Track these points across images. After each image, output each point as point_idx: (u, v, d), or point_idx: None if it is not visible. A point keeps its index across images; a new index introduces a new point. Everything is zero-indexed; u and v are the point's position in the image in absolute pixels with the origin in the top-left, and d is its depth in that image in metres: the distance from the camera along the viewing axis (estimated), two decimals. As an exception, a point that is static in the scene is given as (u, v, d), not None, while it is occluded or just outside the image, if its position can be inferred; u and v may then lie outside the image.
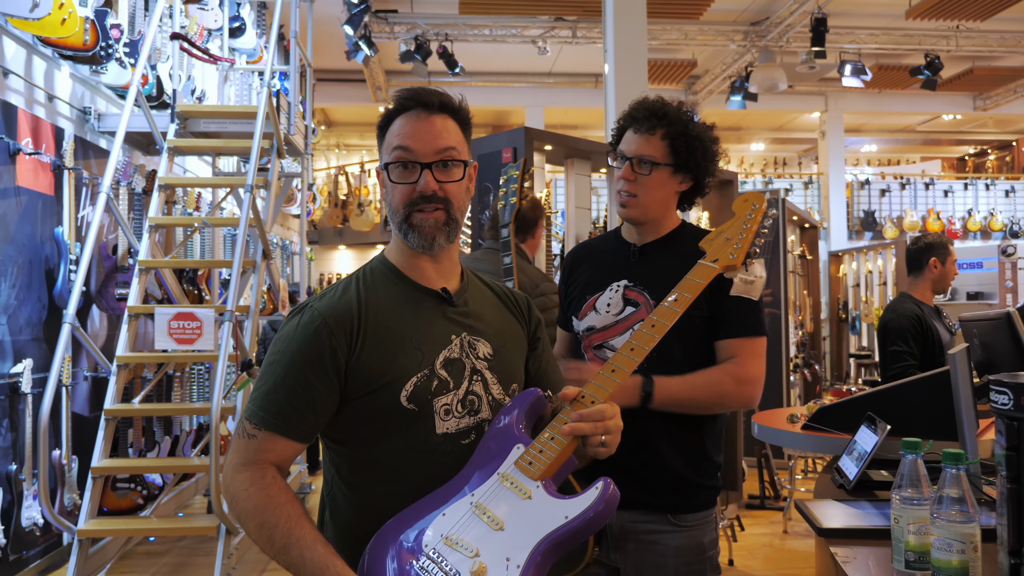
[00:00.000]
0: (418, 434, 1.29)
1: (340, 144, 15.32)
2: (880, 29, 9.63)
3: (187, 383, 5.40)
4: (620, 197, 1.75)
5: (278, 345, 1.31)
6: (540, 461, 1.20)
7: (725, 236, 1.49)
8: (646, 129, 1.73)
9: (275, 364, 1.29)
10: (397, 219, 1.34)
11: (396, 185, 1.32)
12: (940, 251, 3.38)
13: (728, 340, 1.70)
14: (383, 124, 1.37)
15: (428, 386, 1.29)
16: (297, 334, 1.29)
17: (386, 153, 1.34)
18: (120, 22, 4.46)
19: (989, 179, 13.02)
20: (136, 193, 4.76)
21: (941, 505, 1.12)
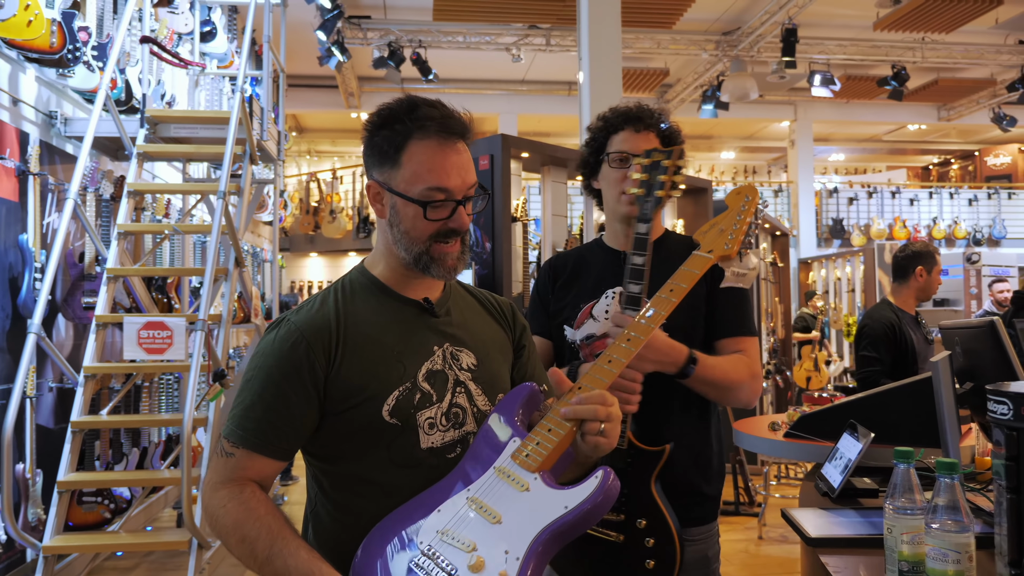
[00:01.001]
0: (402, 449, 1.25)
1: (311, 150, 15.20)
2: (848, 40, 9.79)
3: (155, 394, 5.30)
4: (628, 196, 1.72)
5: (255, 361, 1.27)
6: (537, 453, 1.17)
7: (719, 227, 1.51)
8: (645, 127, 1.76)
9: (252, 380, 1.25)
10: (416, 249, 1.28)
11: (426, 221, 1.26)
12: (927, 260, 3.42)
13: (732, 338, 1.72)
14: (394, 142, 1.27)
15: (411, 399, 1.26)
16: (274, 349, 1.25)
17: (406, 182, 1.26)
18: (88, 24, 4.37)
19: (953, 188, 13.28)
20: (104, 199, 4.66)
21: (936, 515, 1.11)
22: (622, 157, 1.75)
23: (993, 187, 13.22)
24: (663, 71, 10.69)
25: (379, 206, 1.31)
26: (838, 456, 1.92)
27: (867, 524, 1.59)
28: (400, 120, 1.26)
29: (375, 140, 1.29)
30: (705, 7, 8.75)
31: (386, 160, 1.27)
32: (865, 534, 1.50)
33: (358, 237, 11.19)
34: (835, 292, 11.00)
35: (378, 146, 1.29)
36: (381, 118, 1.29)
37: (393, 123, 1.27)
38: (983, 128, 13.42)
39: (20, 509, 3.76)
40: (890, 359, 3.28)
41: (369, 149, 1.31)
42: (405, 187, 1.25)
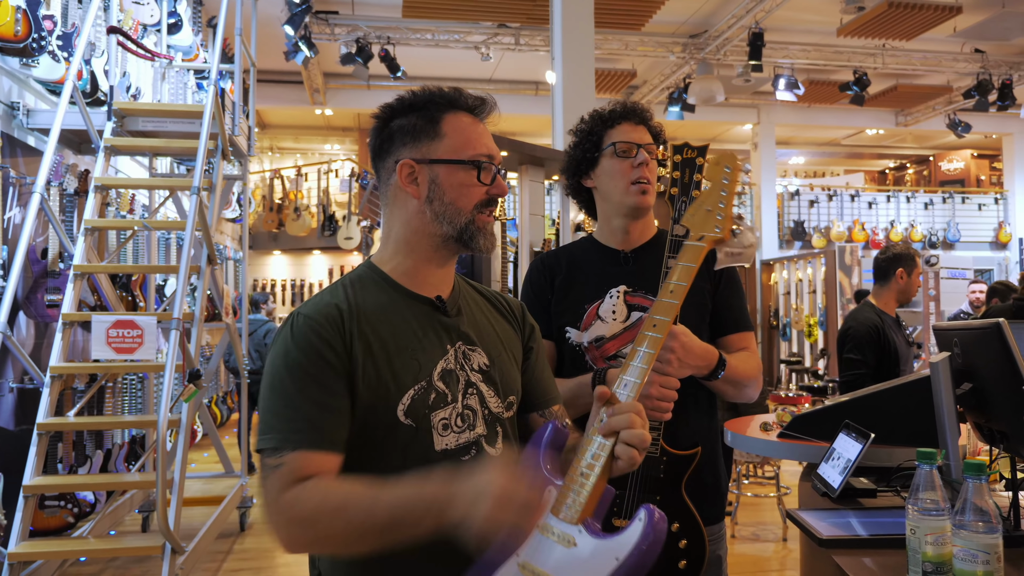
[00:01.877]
0: (416, 451, 1.20)
1: (274, 147, 14.97)
2: (812, 45, 9.96)
3: (119, 394, 5.15)
4: (639, 185, 1.71)
5: (274, 364, 1.20)
6: (575, 503, 1.12)
7: (705, 208, 1.37)
8: (640, 120, 1.76)
9: (276, 384, 1.18)
10: (462, 220, 1.26)
11: (474, 185, 1.26)
12: (907, 262, 3.47)
13: (737, 334, 1.73)
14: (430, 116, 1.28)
15: (426, 399, 1.22)
16: (292, 344, 1.19)
17: (452, 150, 1.26)
18: (54, 13, 4.23)
19: (910, 192, 13.60)
20: (67, 194, 4.52)
21: (964, 516, 1.11)
22: (627, 148, 1.72)
23: (948, 191, 13.58)
24: (631, 72, 10.76)
25: (412, 187, 1.27)
26: (836, 456, 1.93)
27: (875, 524, 1.60)
28: (431, 100, 1.28)
29: (403, 122, 1.28)
30: (674, 10, 8.83)
31: (422, 135, 1.27)
32: (877, 534, 1.51)
33: (323, 235, 11.05)
34: (796, 293, 11.19)
35: (408, 126, 1.28)
36: (405, 103, 1.29)
37: (424, 104, 1.28)
38: (938, 134, 13.78)
39: (-20, 514, 3.62)
40: (875, 361, 3.31)
41: (394, 132, 1.29)
42: (453, 154, 1.26)
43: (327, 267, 12.28)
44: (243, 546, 4.88)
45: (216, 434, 5.12)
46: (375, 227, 10.74)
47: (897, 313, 3.56)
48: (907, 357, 3.40)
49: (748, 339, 1.76)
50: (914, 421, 1.95)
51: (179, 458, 3.36)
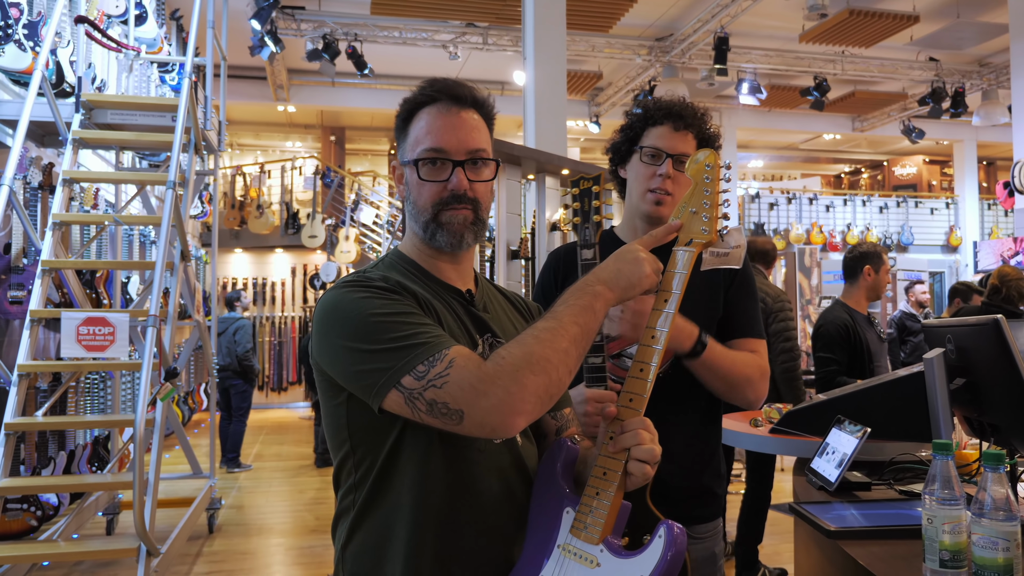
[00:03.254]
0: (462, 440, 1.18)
1: (234, 143, 14.73)
2: (775, 51, 10.15)
3: (82, 394, 5.03)
4: (655, 195, 1.68)
5: (351, 314, 1.12)
6: (595, 523, 1.13)
7: (690, 209, 1.31)
8: (685, 126, 1.69)
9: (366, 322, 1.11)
10: (424, 218, 1.26)
11: (425, 183, 1.25)
12: (873, 260, 3.54)
13: (744, 339, 1.70)
14: (405, 115, 1.29)
15: None
16: (364, 293, 1.14)
17: (411, 149, 1.26)
18: (20, 1, 4.11)
19: (866, 196, 13.94)
20: (31, 187, 4.39)
21: (984, 504, 1.14)
22: (654, 153, 1.69)
23: (902, 196, 13.94)
24: (596, 74, 10.84)
25: (401, 187, 1.31)
26: (830, 451, 1.97)
27: (875, 516, 1.63)
28: (412, 97, 1.29)
29: (398, 123, 1.31)
30: (641, 13, 8.92)
31: (400, 136, 1.30)
32: (880, 526, 1.54)
33: (286, 233, 10.91)
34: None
35: (398, 128, 1.30)
36: (401, 104, 1.31)
37: (406, 102, 1.30)
38: (892, 139, 14.14)
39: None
40: (846, 359, 3.39)
41: (395, 134, 1.32)
42: (408, 154, 1.27)
43: (290, 265, 12.12)
44: (212, 548, 4.79)
45: (184, 434, 5.02)
46: (339, 225, 10.63)
47: (869, 311, 3.64)
48: (879, 354, 3.48)
49: (756, 345, 1.71)
50: (905, 416, 2.00)
51: (154, 458, 3.29)
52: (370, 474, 1.20)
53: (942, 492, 1.22)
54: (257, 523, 5.36)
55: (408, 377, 1.07)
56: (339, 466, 1.25)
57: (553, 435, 1.40)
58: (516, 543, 1.23)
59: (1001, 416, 1.69)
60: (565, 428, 1.42)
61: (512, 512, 1.24)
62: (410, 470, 1.16)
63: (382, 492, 1.20)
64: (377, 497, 1.20)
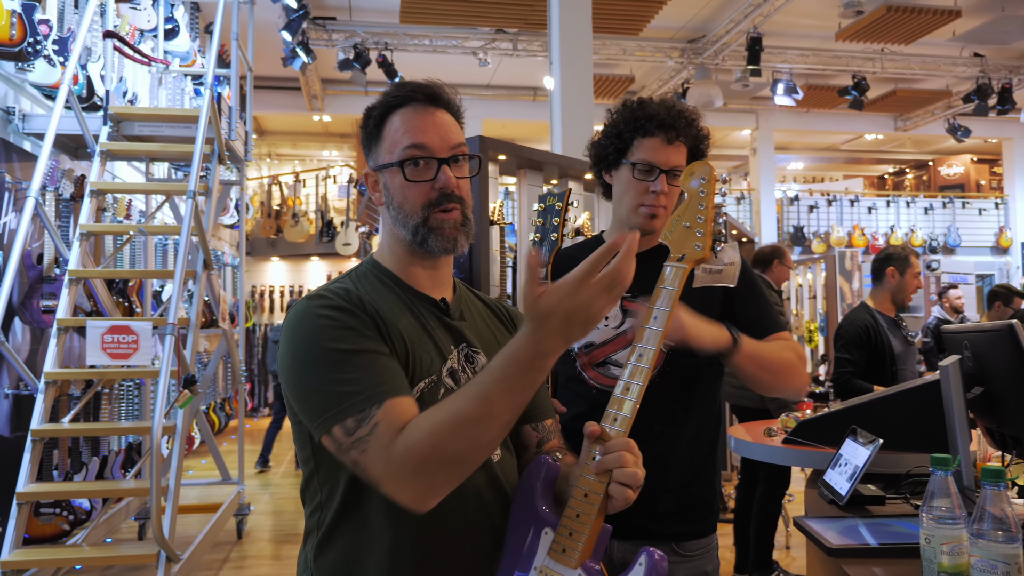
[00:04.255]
0: None
1: (272, 153, 14.94)
2: (810, 50, 9.95)
3: (116, 401, 5.11)
4: (650, 210, 1.63)
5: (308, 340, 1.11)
6: (573, 546, 1.10)
7: (683, 223, 1.28)
8: (676, 137, 1.62)
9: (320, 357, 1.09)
10: (412, 222, 1.22)
11: (412, 184, 1.21)
12: (897, 262, 3.44)
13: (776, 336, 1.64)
14: (377, 120, 1.26)
15: (435, 394, 1.18)
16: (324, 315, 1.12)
17: (388, 152, 1.23)
18: (49, 18, 4.20)
19: (910, 197, 13.59)
20: (63, 199, 4.48)
21: (983, 525, 1.08)
22: (647, 169, 1.62)
23: (948, 196, 13.56)
24: (629, 78, 10.75)
25: (377, 194, 1.27)
26: (843, 463, 1.89)
27: (885, 533, 1.56)
28: (380, 102, 1.27)
29: (367, 130, 1.28)
30: (671, 15, 8.81)
31: (372, 142, 1.26)
32: (887, 543, 1.47)
33: (321, 241, 11.02)
34: (797, 299, 11.15)
35: (366, 133, 1.28)
36: (369, 110, 1.29)
37: (374, 107, 1.27)
38: (937, 138, 13.77)
39: (-27, 523, 3.58)
40: (864, 361, 3.32)
41: (362, 143, 1.29)
42: (387, 156, 1.23)
43: (325, 273, 12.24)
44: (240, 554, 4.83)
45: (213, 441, 5.07)
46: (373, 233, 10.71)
47: (898, 314, 3.53)
48: (905, 357, 3.38)
49: (782, 336, 1.66)
50: (923, 426, 1.91)
51: (174, 465, 3.32)
52: (335, 496, 1.17)
53: (940, 509, 1.16)
54: (286, 529, 5.39)
55: (339, 428, 1.06)
56: (305, 482, 1.23)
57: (534, 448, 1.36)
58: (494, 562, 1.19)
59: (1019, 427, 1.60)
60: (547, 440, 1.37)
61: (489, 532, 1.20)
62: (377, 494, 1.12)
63: (349, 515, 1.17)
64: (344, 521, 1.17)
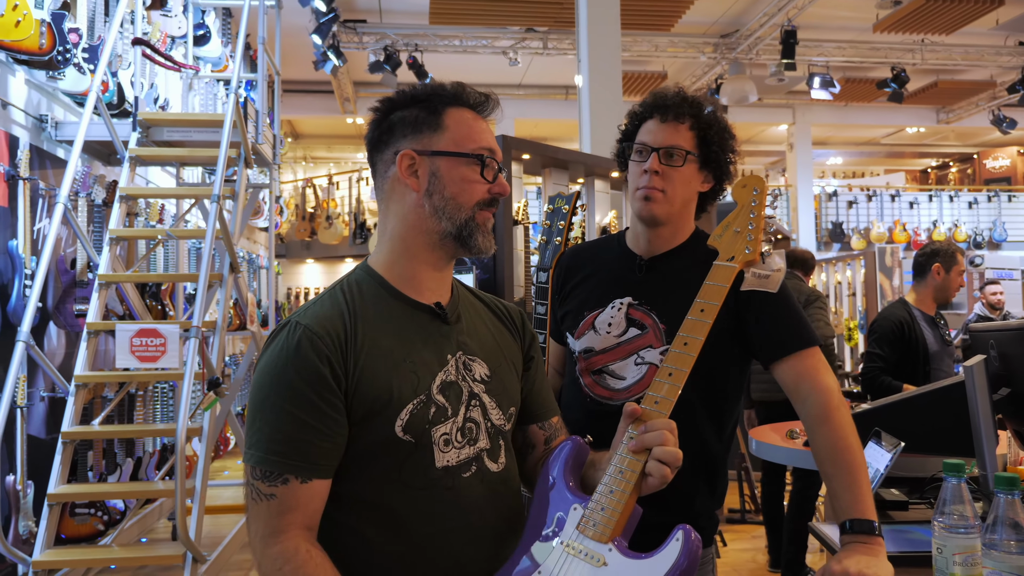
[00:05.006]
0: (415, 469, 1.14)
1: (307, 156, 15.12)
2: (847, 42, 9.75)
3: (150, 403, 5.19)
4: (644, 191, 1.55)
5: (267, 375, 1.13)
6: (606, 520, 1.07)
7: (734, 229, 1.37)
8: (674, 117, 1.56)
9: (270, 396, 1.11)
10: (462, 216, 1.20)
11: (476, 181, 1.21)
12: (944, 258, 3.34)
13: (793, 357, 1.45)
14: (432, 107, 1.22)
15: (425, 414, 1.15)
16: (287, 355, 1.12)
17: (451, 142, 1.21)
18: (79, 26, 4.28)
19: (953, 191, 13.24)
20: (96, 205, 4.56)
21: (996, 534, 1.02)
22: (640, 149, 1.58)
23: (993, 190, 13.18)
24: (661, 74, 10.64)
25: (412, 179, 1.21)
26: (864, 466, 1.82)
27: (904, 540, 1.50)
28: (434, 92, 1.24)
29: (404, 114, 1.23)
30: (703, 10, 8.70)
31: (423, 127, 1.21)
32: (904, 551, 1.41)
33: (354, 243, 11.10)
34: (836, 296, 10.93)
35: (410, 117, 1.22)
36: (407, 96, 1.25)
37: (426, 96, 1.23)
38: (982, 131, 13.40)
39: (11, 522, 3.66)
40: (895, 357, 3.24)
41: (394, 124, 1.23)
42: (451, 146, 1.20)
43: (360, 275, 12.35)
44: (271, 554, 4.86)
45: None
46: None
47: (939, 312, 3.43)
48: (941, 356, 3.27)
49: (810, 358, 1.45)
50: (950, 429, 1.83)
51: (200, 467, 3.35)
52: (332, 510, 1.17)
53: (953, 517, 1.10)
54: (317, 530, 5.43)
55: (249, 468, 1.11)
56: None
57: (542, 445, 1.34)
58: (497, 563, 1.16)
59: (1047, 430, 1.53)
60: (554, 437, 1.36)
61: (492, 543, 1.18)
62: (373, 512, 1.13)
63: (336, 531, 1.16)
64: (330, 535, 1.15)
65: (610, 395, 1.56)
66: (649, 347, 1.54)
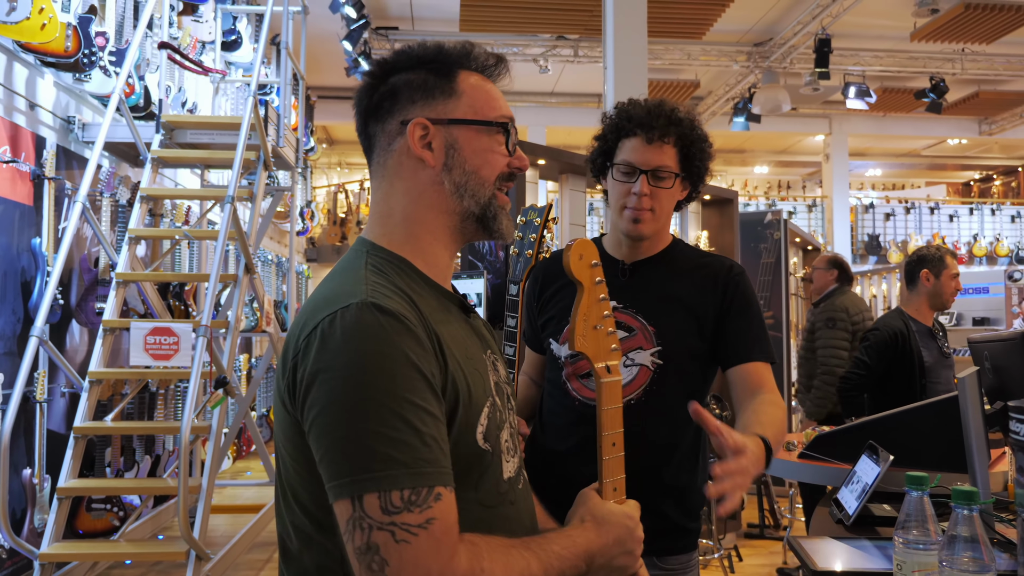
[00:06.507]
0: (490, 484, 0.98)
1: (342, 162, 15.27)
2: (885, 51, 9.56)
3: (171, 401, 5.26)
4: (632, 213, 1.56)
5: (362, 368, 0.85)
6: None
7: (593, 325, 1.10)
8: (659, 137, 1.55)
9: (365, 401, 0.84)
10: (485, 193, 1.04)
11: (499, 151, 1.05)
12: (932, 263, 3.19)
13: (754, 365, 1.51)
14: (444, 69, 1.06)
15: (495, 419, 0.99)
16: (382, 340, 0.87)
17: (470, 109, 1.04)
18: (106, 30, 4.37)
19: (995, 204, 12.90)
20: (120, 205, 4.65)
21: (952, 551, 0.97)
22: (627, 170, 1.58)
23: (1037, 203, 12.83)
24: (694, 83, 10.55)
25: (427, 152, 1.03)
26: (855, 480, 1.77)
27: (883, 556, 1.44)
28: (442, 52, 1.08)
29: (409, 76, 1.05)
30: (736, 18, 8.60)
31: (435, 92, 1.04)
32: (879, 569, 1.36)
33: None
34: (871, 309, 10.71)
35: (418, 81, 1.04)
36: (411, 56, 1.08)
37: (433, 57, 1.07)
38: (1027, 143, 13.05)
39: (27, 515, 3.73)
40: (881, 369, 3.13)
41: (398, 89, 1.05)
42: (469, 113, 1.04)
43: (389, 280, 12.43)
44: (284, 555, 4.89)
45: (262, 442, 5.16)
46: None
47: (937, 322, 3.29)
48: (939, 370, 3.14)
49: (763, 373, 1.50)
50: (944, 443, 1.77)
51: (207, 465, 3.38)
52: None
53: (912, 532, 1.05)
54: (332, 532, 5.45)
55: (374, 498, 0.82)
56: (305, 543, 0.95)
57: None
58: None
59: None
60: None
61: None
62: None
63: None
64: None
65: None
66: (639, 348, 1.56)
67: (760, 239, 6.10)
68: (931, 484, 1.08)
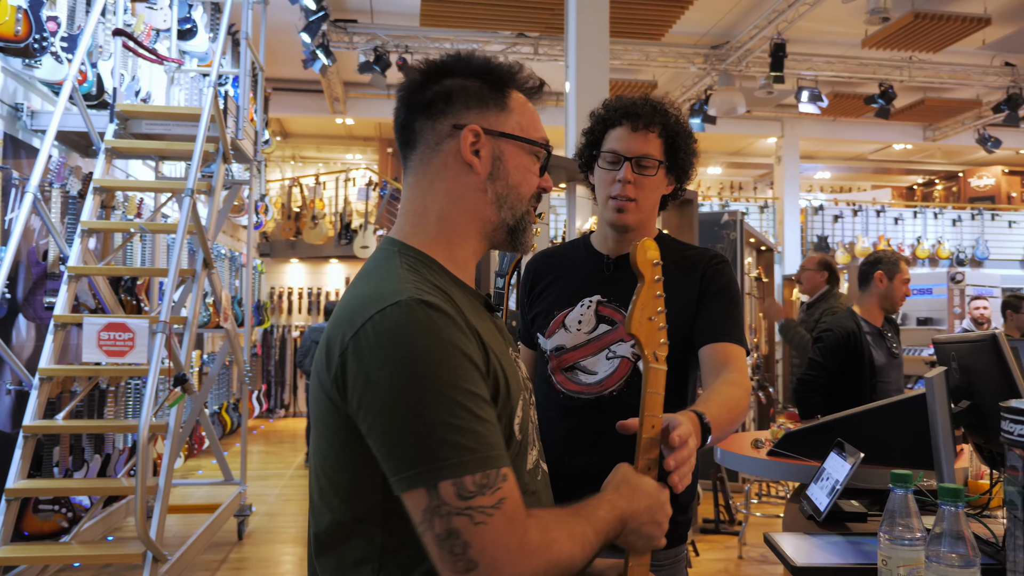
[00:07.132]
0: (520, 474, 1.00)
1: (296, 156, 15.05)
2: (836, 57, 9.79)
3: (121, 398, 5.12)
4: (616, 202, 1.57)
5: (429, 362, 0.88)
6: None
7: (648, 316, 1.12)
8: (644, 126, 1.56)
9: (438, 387, 0.87)
10: (520, 209, 1.07)
11: (533, 175, 1.09)
12: (887, 266, 3.29)
13: (724, 344, 1.51)
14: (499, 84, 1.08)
15: (528, 410, 1.05)
16: (453, 342, 0.90)
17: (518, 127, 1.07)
18: (58, 15, 4.23)
19: (938, 208, 13.32)
20: (71, 196, 4.50)
21: (939, 547, 0.99)
22: (612, 158, 1.59)
23: (977, 208, 13.27)
24: (651, 83, 10.66)
25: (476, 159, 1.04)
26: (824, 477, 1.80)
27: (855, 551, 1.47)
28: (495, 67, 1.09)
29: (464, 83, 1.07)
30: (694, 20, 8.72)
31: (489, 103, 1.07)
32: (855, 563, 1.39)
33: (339, 244, 11.03)
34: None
35: (474, 89, 1.07)
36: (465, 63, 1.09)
37: (485, 69, 1.08)
38: (968, 149, 13.48)
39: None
40: (836, 369, 3.19)
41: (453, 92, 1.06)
42: (518, 130, 1.07)
43: (344, 275, 12.27)
44: (240, 555, 4.80)
45: (216, 441, 5.06)
46: (392, 236, 10.68)
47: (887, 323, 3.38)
48: (888, 370, 3.23)
49: (732, 353, 1.51)
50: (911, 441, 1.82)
51: (165, 464, 3.29)
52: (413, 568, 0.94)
53: (898, 530, 1.08)
54: (290, 531, 5.37)
55: (449, 486, 0.85)
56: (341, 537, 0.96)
57: None
58: None
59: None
60: None
61: None
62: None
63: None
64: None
65: (582, 389, 1.60)
66: (620, 341, 1.58)
67: (716, 239, 6.19)
68: (916, 482, 1.10)
